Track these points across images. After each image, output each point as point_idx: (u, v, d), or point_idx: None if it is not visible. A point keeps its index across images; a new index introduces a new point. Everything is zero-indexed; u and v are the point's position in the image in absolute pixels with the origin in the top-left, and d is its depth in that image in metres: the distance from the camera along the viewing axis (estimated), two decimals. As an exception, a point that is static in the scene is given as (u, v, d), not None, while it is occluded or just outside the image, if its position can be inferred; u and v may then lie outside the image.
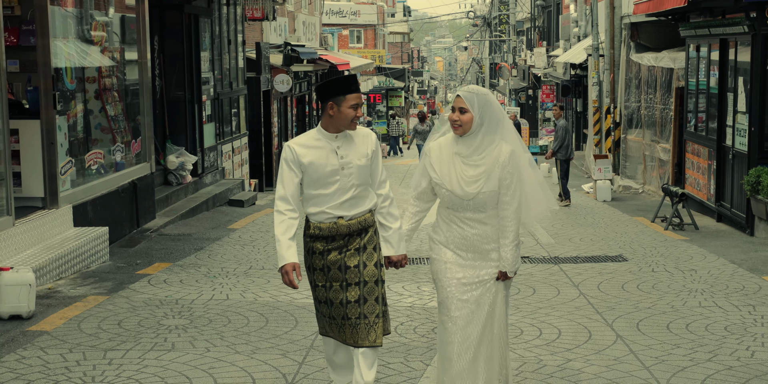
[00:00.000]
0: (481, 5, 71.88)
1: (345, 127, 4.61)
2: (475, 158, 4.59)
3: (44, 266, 7.50)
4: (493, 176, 4.57)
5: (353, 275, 4.60)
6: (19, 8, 8.90)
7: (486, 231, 4.64)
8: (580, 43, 26.24)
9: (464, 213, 4.64)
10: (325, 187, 4.59)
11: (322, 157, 4.58)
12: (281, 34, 23.44)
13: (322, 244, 4.62)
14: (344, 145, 4.63)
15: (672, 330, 6.47)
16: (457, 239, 4.67)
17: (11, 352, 5.72)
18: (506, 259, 4.63)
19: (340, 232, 4.60)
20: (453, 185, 4.60)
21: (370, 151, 4.69)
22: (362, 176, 4.64)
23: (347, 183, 4.59)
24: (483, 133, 4.59)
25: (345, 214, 4.61)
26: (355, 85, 4.64)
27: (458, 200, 4.61)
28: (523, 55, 44.76)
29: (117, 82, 10.59)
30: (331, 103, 4.56)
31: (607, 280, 8.26)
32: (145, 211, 10.86)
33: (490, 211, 4.63)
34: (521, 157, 4.65)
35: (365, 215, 4.67)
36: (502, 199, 4.60)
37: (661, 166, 16.56)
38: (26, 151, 8.48)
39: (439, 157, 4.68)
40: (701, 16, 13.32)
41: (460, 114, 4.59)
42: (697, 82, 13.73)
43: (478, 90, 4.63)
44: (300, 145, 4.61)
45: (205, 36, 14.76)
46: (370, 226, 4.69)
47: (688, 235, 11.25)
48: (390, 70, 48.38)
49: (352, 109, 4.57)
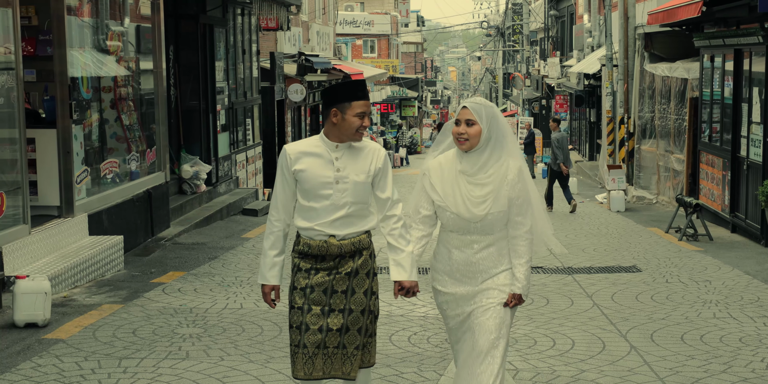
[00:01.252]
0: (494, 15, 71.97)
1: (349, 138, 4.22)
2: (481, 176, 4.25)
3: (60, 274, 7.54)
4: (501, 195, 4.23)
5: (339, 301, 4.20)
6: (36, 18, 8.98)
7: (492, 253, 4.30)
8: (593, 53, 26.22)
9: (470, 236, 4.29)
10: (316, 200, 4.21)
11: (317, 167, 4.21)
12: (295, 43, 23.53)
13: (309, 262, 4.24)
14: (344, 157, 4.23)
15: (686, 341, 6.45)
16: (462, 266, 4.31)
17: (27, 360, 5.75)
18: (520, 280, 4.29)
19: (330, 253, 4.21)
20: (458, 207, 4.24)
21: (374, 168, 4.26)
22: (359, 194, 4.22)
23: (340, 199, 4.19)
24: (491, 149, 4.26)
25: (337, 233, 4.21)
26: (363, 92, 4.24)
27: (464, 223, 4.26)
28: (537, 65, 44.76)
29: (132, 91, 10.66)
30: (335, 110, 4.19)
31: (621, 290, 8.24)
32: (159, 220, 10.91)
33: (498, 233, 4.30)
34: (526, 173, 4.34)
35: (360, 236, 4.27)
36: (515, 218, 4.28)
37: (675, 177, 16.52)
38: (42, 160, 8.54)
39: (441, 176, 4.31)
40: (715, 26, 13.31)
41: (467, 127, 4.24)
42: (711, 92, 13.70)
43: (485, 101, 4.34)
44: (296, 150, 4.27)
45: (220, 46, 14.83)
46: (365, 249, 4.28)
47: (703, 245, 11.21)
48: (403, 80, 48.46)
49: (357, 117, 4.18)
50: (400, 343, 6.32)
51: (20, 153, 7.77)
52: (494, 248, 4.30)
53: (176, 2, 13.06)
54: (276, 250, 4.28)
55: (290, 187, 4.28)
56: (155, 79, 11.26)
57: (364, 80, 4.63)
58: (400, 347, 6.21)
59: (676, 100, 16.48)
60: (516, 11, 53.94)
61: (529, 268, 4.32)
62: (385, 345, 6.23)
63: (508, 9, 55.86)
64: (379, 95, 40.51)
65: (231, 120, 15.51)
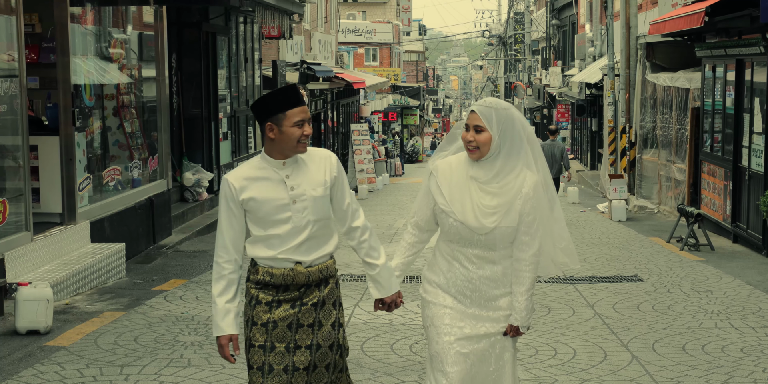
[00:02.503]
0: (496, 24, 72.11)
1: (292, 151, 3.73)
2: (495, 186, 3.78)
3: (62, 282, 7.55)
4: (513, 209, 3.76)
5: (305, 336, 3.73)
6: (39, 26, 9.01)
7: (495, 273, 3.83)
8: (595, 62, 26.26)
9: (472, 250, 3.81)
10: (275, 226, 3.72)
11: (268, 190, 3.72)
12: (297, 52, 23.58)
13: (270, 293, 3.74)
14: (295, 173, 3.76)
15: (688, 351, 6.45)
16: (460, 282, 3.84)
17: (29, 367, 5.76)
18: (519, 311, 3.82)
19: (296, 282, 3.73)
20: (466, 215, 3.77)
21: (329, 178, 3.79)
22: (319, 210, 3.76)
23: (302, 220, 3.72)
24: (504, 158, 3.77)
25: (303, 259, 3.74)
26: (296, 97, 3.73)
27: (468, 234, 3.78)
28: (538, 75, 44.82)
29: (135, 99, 10.68)
30: (269, 124, 3.68)
31: (622, 300, 8.24)
32: (161, 228, 10.91)
33: (503, 251, 3.82)
34: (548, 189, 3.90)
35: (327, 262, 3.82)
36: (521, 238, 3.79)
37: (676, 187, 16.53)
38: (45, 167, 8.55)
39: (449, 178, 3.84)
40: (717, 36, 13.34)
41: (476, 133, 3.77)
42: (713, 102, 13.72)
43: (497, 104, 3.80)
44: (239, 177, 3.74)
45: (223, 54, 14.87)
46: (332, 277, 3.83)
47: (704, 255, 11.21)
48: (405, 89, 48.52)
49: (296, 127, 3.69)
50: (401, 351, 6.32)
51: (23, 160, 7.79)
52: (499, 267, 3.83)
53: (179, 10, 13.10)
54: (228, 296, 3.73)
55: (239, 222, 3.76)
56: (158, 87, 11.29)
57: (295, 85, 4.01)
58: (402, 356, 6.21)
59: (678, 110, 16.50)
60: (518, 20, 54.04)
61: (530, 298, 3.84)
62: (387, 354, 6.23)
63: (510, 18, 55.97)
64: (381, 104, 40.55)
65: (233, 128, 15.54)
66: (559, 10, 38.60)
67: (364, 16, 52.88)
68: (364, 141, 26.62)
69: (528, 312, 3.84)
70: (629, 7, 19.24)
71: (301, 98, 3.76)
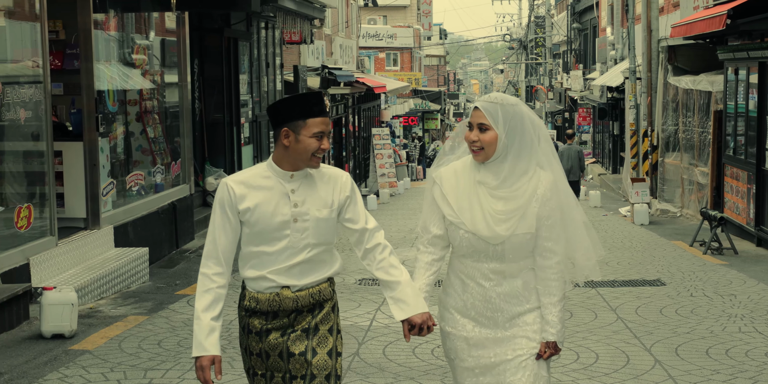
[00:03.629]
0: (517, 28, 72.01)
1: (304, 163, 3.41)
2: (505, 190, 3.41)
3: (86, 286, 7.61)
4: (529, 214, 3.40)
5: (299, 366, 3.41)
6: (63, 32, 9.09)
7: (516, 288, 3.45)
8: (616, 66, 26.19)
9: (487, 263, 3.43)
10: (268, 244, 3.40)
11: (270, 203, 3.40)
12: (318, 57, 23.65)
13: (259, 320, 3.44)
14: (302, 188, 3.44)
15: (711, 355, 6.42)
16: (479, 303, 3.46)
17: (54, 371, 5.81)
18: (554, 324, 3.43)
19: (283, 308, 3.41)
20: (476, 224, 3.39)
21: (339, 199, 3.47)
22: (322, 233, 3.43)
23: (299, 241, 3.40)
24: (513, 159, 3.40)
25: (293, 283, 3.41)
26: (320, 107, 3.41)
27: (482, 245, 3.41)
28: (560, 78, 44.72)
29: (157, 104, 10.76)
30: (285, 130, 3.37)
31: (645, 304, 8.21)
32: (184, 232, 10.97)
33: (522, 261, 3.44)
34: (564, 188, 3.50)
35: (321, 285, 3.47)
36: (543, 244, 3.43)
37: (699, 190, 16.44)
38: (69, 172, 8.63)
39: (455, 186, 3.47)
40: (739, 39, 13.27)
41: (480, 133, 3.39)
42: (735, 105, 13.65)
43: (504, 99, 3.41)
44: (240, 183, 3.42)
45: (244, 59, 14.94)
46: (327, 301, 3.48)
47: (727, 259, 11.15)
48: (426, 93, 48.55)
49: (314, 138, 3.37)
50: (423, 355, 6.33)
51: (48, 165, 7.86)
52: (519, 281, 3.46)
53: (201, 16, 13.18)
54: (214, 312, 3.40)
55: (234, 231, 3.43)
56: (180, 92, 11.36)
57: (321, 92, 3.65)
58: (424, 360, 6.21)
59: (700, 113, 16.42)
60: (539, 24, 53.95)
61: (562, 309, 3.47)
62: (408, 358, 6.24)
63: (530, 22, 55.89)
64: (402, 108, 40.60)
65: (255, 133, 15.61)
66: (580, 13, 38.52)
67: (385, 20, 52.97)
68: (386, 145, 26.65)
69: (563, 325, 3.45)
70: (650, 10, 19.17)
71: (325, 109, 3.45)
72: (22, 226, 7.44)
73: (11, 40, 7.64)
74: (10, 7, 7.61)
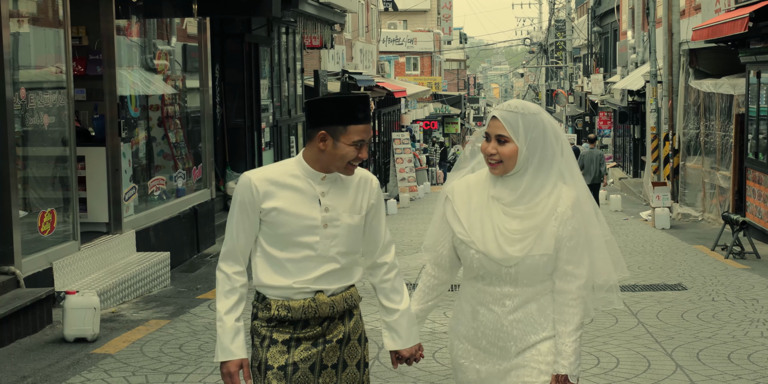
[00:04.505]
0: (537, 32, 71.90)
1: (337, 170, 3.15)
2: (521, 207, 3.11)
3: (108, 290, 7.66)
4: (547, 234, 3.09)
5: (328, 379, 3.18)
6: (86, 39, 9.17)
7: (531, 314, 3.14)
8: (637, 69, 26.10)
9: (500, 288, 3.13)
10: (296, 250, 3.13)
11: (298, 204, 3.12)
12: (339, 61, 23.71)
13: (287, 331, 3.16)
14: (333, 191, 3.17)
15: (733, 360, 6.39)
16: (490, 331, 3.15)
17: (76, 375, 5.85)
18: (567, 356, 3.10)
19: (320, 314, 3.15)
20: (488, 244, 3.10)
21: (367, 204, 3.23)
22: (351, 242, 3.20)
23: (329, 249, 3.15)
24: (533, 173, 3.09)
25: (326, 287, 3.17)
26: (365, 113, 3.13)
27: (494, 268, 3.11)
28: (580, 82, 44.61)
29: (179, 109, 10.83)
30: (323, 133, 3.09)
31: (666, 308, 8.18)
32: (205, 237, 11.03)
33: (538, 286, 3.13)
34: (587, 205, 3.18)
35: (351, 290, 3.27)
36: (564, 267, 3.12)
37: (721, 194, 16.36)
38: (92, 177, 8.70)
39: (468, 201, 3.17)
40: (761, 42, 13.20)
41: (499, 145, 3.08)
42: (757, 108, 13.58)
43: (525, 107, 3.09)
44: (265, 180, 3.14)
45: (265, 64, 15.01)
46: (356, 307, 3.28)
47: (749, 263, 11.08)
48: (446, 97, 48.55)
49: (353, 147, 3.09)
50: (443, 360, 6.33)
51: (71, 170, 7.93)
52: (534, 307, 3.15)
53: (222, 22, 13.26)
54: (237, 313, 3.18)
55: (254, 231, 3.17)
56: (201, 98, 11.43)
57: (368, 96, 3.31)
58: (444, 365, 6.22)
59: (722, 117, 16.34)
60: (559, 28, 53.85)
61: (579, 340, 3.13)
62: (428, 362, 6.25)
63: (551, 26, 55.79)
64: (422, 112, 40.61)
65: (275, 137, 15.66)
66: (601, 17, 38.42)
67: (405, 25, 53.02)
68: (406, 150, 26.67)
69: (577, 357, 3.11)
70: (671, 13, 19.11)
71: (369, 114, 3.16)
72: (46, 231, 7.51)
73: (35, 46, 7.72)
74: (34, 14, 7.69)
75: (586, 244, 3.14)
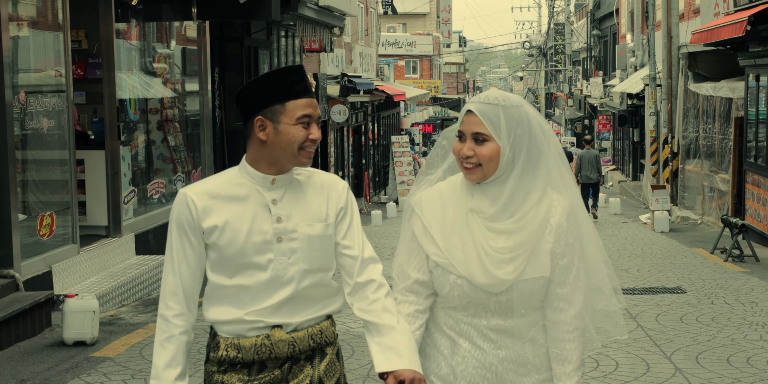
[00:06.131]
0: (536, 35, 71.98)
1: (289, 162, 2.58)
2: (507, 220, 2.55)
3: (107, 293, 7.66)
4: (541, 251, 2.55)
5: None
6: (86, 42, 9.19)
7: (524, 352, 2.59)
8: (636, 72, 26.14)
9: (487, 319, 2.55)
10: (245, 274, 2.57)
11: (244, 218, 2.57)
12: (338, 65, 23.73)
13: (240, 376, 2.61)
14: (287, 197, 2.60)
15: (732, 363, 6.39)
16: (472, 370, 2.58)
17: (75, 378, 5.85)
18: None
19: (276, 354, 2.59)
20: (470, 267, 2.52)
21: (333, 211, 2.64)
22: (316, 256, 2.60)
23: (287, 267, 2.57)
24: (517, 177, 2.53)
25: (285, 321, 2.59)
26: (302, 83, 2.57)
27: (480, 296, 2.54)
28: (579, 85, 44.65)
29: (178, 113, 10.84)
30: (260, 119, 2.56)
31: (665, 312, 8.18)
32: (204, 240, 11.03)
33: (532, 316, 2.58)
34: (581, 215, 2.64)
35: (322, 323, 2.65)
36: (556, 291, 2.58)
37: (720, 197, 16.37)
38: (91, 180, 8.70)
39: (441, 216, 2.59)
40: (760, 45, 13.22)
41: (476, 145, 2.52)
42: (756, 111, 13.59)
43: (506, 99, 2.53)
44: (203, 193, 2.59)
45: (264, 67, 15.01)
46: (329, 344, 2.67)
47: (749, 267, 11.09)
48: (445, 101, 48.61)
49: (300, 126, 2.54)
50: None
51: (70, 174, 7.94)
52: (526, 343, 2.60)
53: (222, 25, 13.26)
54: (178, 370, 2.59)
55: (198, 259, 2.62)
56: (201, 101, 11.44)
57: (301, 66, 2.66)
58: None
59: (721, 120, 16.36)
60: (558, 31, 53.91)
61: (581, 380, 2.62)
62: None
63: (550, 29, 55.85)
64: (421, 116, 40.64)
65: (275, 141, 15.67)
66: (600, 20, 38.47)
67: (404, 28, 53.07)
68: (405, 153, 26.70)
69: None
70: (671, 16, 19.14)
71: (309, 86, 2.61)
72: (45, 234, 7.51)
73: (34, 49, 7.73)
74: (33, 17, 7.70)
75: (581, 262, 2.61)
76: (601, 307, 2.73)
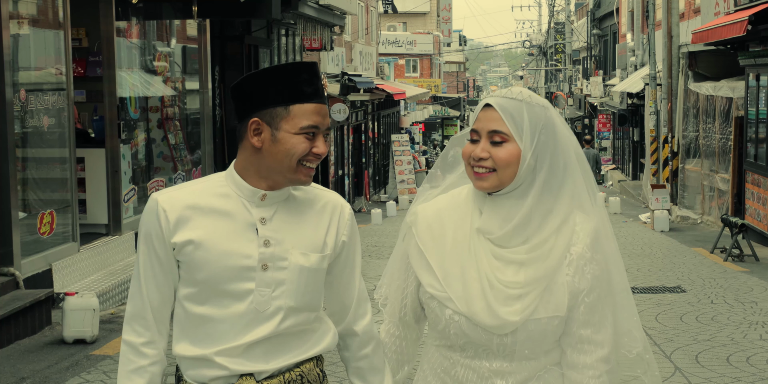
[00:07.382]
0: (537, 34, 71.97)
1: (285, 178, 2.14)
2: (521, 248, 2.13)
3: (107, 291, 7.66)
4: (558, 286, 2.13)
5: None
6: (86, 40, 9.19)
7: None
8: (636, 72, 26.13)
9: (488, 362, 2.16)
10: (217, 303, 2.15)
11: (225, 236, 2.14)
12: (338, 63, 23.72)
13: None
14: (279, 217, 2.17)
15: (732, 363, 6.39)
16: None
17: (75, 376, 5.85)
18: None
19: None
20: (472, 303, 2.12)
21: (335, 241, 2.22)
22: (305, 292, 2.17)
23: (269, 301, 2.14)
24: (537, 193, 2.12)
25: (258, 368, 2.15)
26: (314, 86, 2.12)
27: (480, 336, 2.14)
28: (579, 84, 44.66)
29: (179, 111, 10.84)
30: (255, 121, 2.12)
31: (665, 311, 8.19)
32: (204, 238, 11.04)
33: (544, 358, 2.18)
34: (609, 241, 2.22)
35: (303, 366, 2.20)
36: (579, 332, 2.16)
37: (720, 196, 16.37)
38: (91, 178, 8.71)
39: (441, 237, 2.19)
40: (761, 44, 13.22)
41: (492, 146, 2.11)
42: (756, 111, 13.59)
43: (531, 95, 2.15)
44: (179, 202, 2.15)
45: (265, 66, 15.01)
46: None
47: (748, 266, 11.09)
48: (445, 99, 48.60)
49: (303, 136, 2.10)
50: None
51: (70, 172, 7.94)
52: None
53: (222, 23, 13.26)
54: None
55: (169, 277, 2.19)
56: (201, 99, 11.44)
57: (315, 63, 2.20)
58: None
59: (721, 119, 16.36)
60: (558, 30, 53.91)
61: None
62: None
63: (550, 28, 55.85)
64: (421, 115, 40.65)
65: (275, 139, 15.68)
66: (600, 19, 38.46)
67: (405, 27, 53.08)
68: (405, 152, 26.71)
69: None
70: (671, 16, 19.14)
71: (322, 89, 2.15)
72: (45, 232, 7.52)
73: (35, 47, 7.73)
74: (34, 15, 7.70)
75: (608, 297, 2.20)
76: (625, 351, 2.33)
